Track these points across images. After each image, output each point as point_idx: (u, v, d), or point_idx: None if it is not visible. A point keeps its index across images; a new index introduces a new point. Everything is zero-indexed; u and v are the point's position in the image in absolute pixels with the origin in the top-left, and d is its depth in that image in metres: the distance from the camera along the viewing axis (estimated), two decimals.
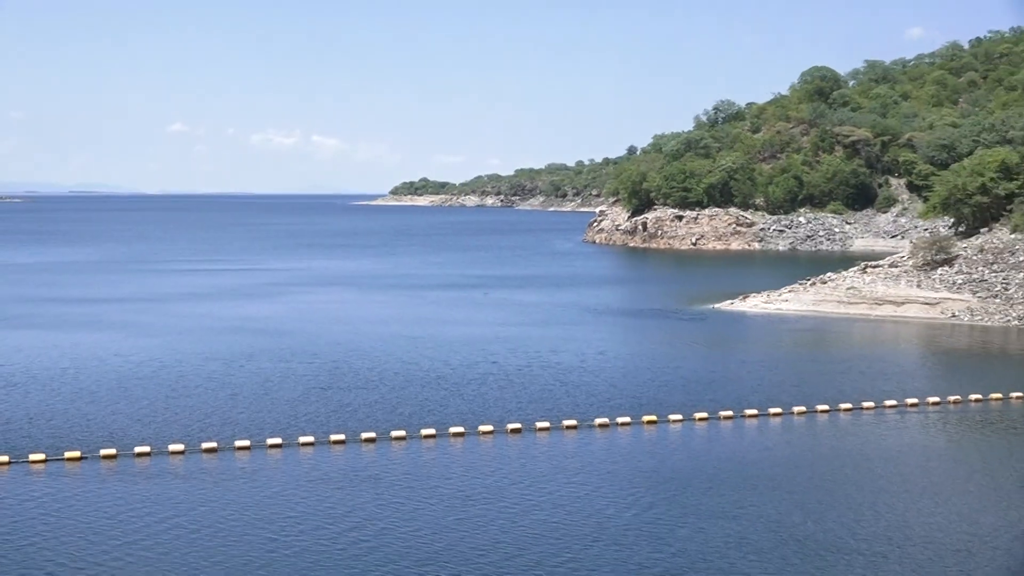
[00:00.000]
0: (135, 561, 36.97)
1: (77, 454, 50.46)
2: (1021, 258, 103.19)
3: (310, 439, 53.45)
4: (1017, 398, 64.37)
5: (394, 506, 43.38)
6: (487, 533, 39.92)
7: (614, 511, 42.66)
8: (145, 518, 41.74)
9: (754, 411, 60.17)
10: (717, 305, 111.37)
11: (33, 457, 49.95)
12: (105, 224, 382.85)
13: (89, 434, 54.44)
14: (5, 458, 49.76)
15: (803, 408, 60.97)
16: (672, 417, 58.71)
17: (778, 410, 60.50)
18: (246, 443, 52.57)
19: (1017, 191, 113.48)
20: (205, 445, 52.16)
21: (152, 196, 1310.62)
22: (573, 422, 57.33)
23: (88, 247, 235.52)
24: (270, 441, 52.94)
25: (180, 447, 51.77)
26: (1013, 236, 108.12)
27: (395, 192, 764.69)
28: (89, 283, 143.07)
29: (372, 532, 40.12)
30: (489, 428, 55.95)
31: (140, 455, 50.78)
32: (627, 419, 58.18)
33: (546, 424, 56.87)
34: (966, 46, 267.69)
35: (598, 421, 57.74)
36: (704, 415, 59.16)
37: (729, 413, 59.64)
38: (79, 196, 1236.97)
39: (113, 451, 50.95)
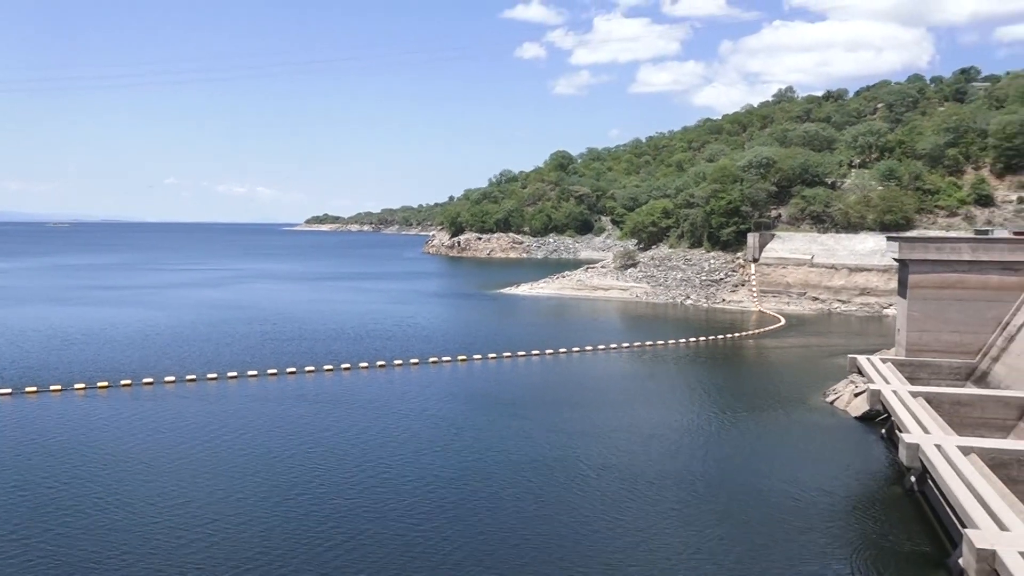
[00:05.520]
0: (146, 443, 34.98)
1: (106, 383, 47.58)
2: (674, 263, 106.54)
3: (255, 372, 51.48)
4: (672, 343, 66.43)
5: (312, 413, 42.05)
6: (372, 430, 39.00)
7: (446, 413, 42.23)
8: (150, 423, 39.55)
9: (523, 352, 60.32)
10: (502, 290, 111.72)
11: (77, 386, 46.96)
12: (125, 240, 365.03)
13: (114, 371, 51.30)
14: (58, 386, 46.65)
15: (565, 349, 61.37)
16: (475, 356, 58.58)
17: (537, 352, 60.72)
18: (214, 375, 50.32)
19: (671, 225, 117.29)
20: (188, 376, 49.71)
21: (154, 223, 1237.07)
22: (416, 360, 56.66)
23: (115, 254, 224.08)
24: (230, 373, 50.76)
25: (172, 378, 49.24)
26: (669, 250, 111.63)
27: (308, 222, 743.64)
28: (118, 276, 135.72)
29: (299, 428, 38.78)
30: (366, 364, 54.85)
31: (145, 384, 48.14)
32: (448, 358, 57.79)
33: (400, 361, 56.07)
34: (644, 140, 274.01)
35: (431, 359, 57.22)
36: (494, 355, 59.07)
37: (514, 353, 59.67)
38: (107, 223, 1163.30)
39: (129, 381, 48.18)
